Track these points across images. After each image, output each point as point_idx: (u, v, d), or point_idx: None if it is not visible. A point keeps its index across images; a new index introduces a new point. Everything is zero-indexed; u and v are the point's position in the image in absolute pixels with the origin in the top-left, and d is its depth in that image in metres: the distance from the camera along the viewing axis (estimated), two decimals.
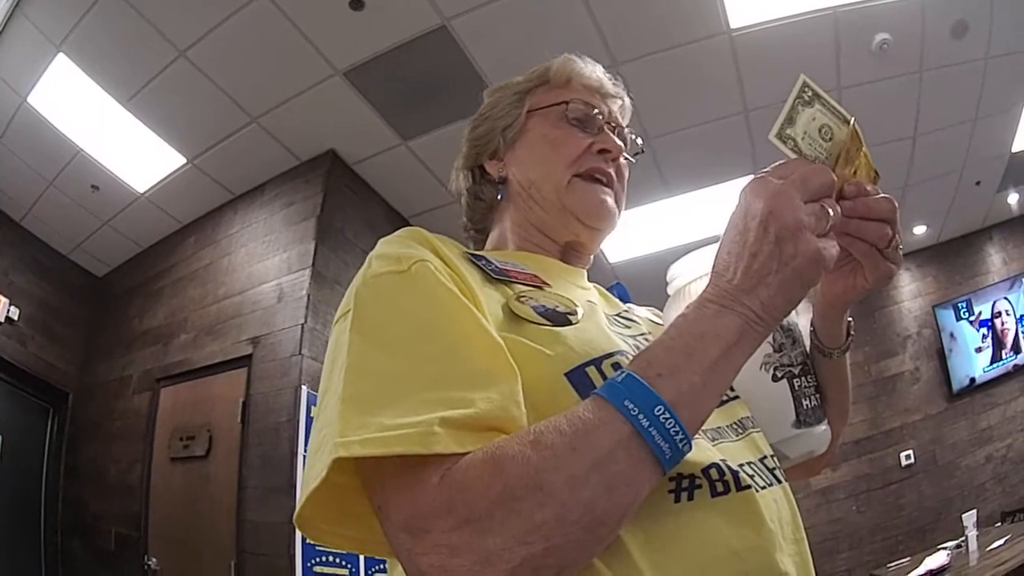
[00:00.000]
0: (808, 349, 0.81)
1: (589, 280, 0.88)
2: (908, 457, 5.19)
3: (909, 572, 3.56)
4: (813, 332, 0.81)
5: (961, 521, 3.72)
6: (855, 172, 0.64)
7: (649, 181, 4.23)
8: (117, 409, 4.24)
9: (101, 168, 4.04)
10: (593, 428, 0.49)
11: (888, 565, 4.14)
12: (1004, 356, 5.34)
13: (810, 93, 0.63)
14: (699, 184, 4.38)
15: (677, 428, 0.49)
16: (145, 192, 4.22)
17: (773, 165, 0.60)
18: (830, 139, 0.63)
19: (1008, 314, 5.38)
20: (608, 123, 0.90)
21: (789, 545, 0.62)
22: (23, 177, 4.10)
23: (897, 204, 0.64)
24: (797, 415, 0.76)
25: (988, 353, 5.35)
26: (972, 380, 5.30)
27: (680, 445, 0.50)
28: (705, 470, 0.57)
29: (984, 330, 5.40)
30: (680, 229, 4.71)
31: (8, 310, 4.24)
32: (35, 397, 4.36)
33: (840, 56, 3.61)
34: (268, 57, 3.39)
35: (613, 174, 0.87)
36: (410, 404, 0.50)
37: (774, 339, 0.77)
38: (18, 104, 3.63)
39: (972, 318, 5.43)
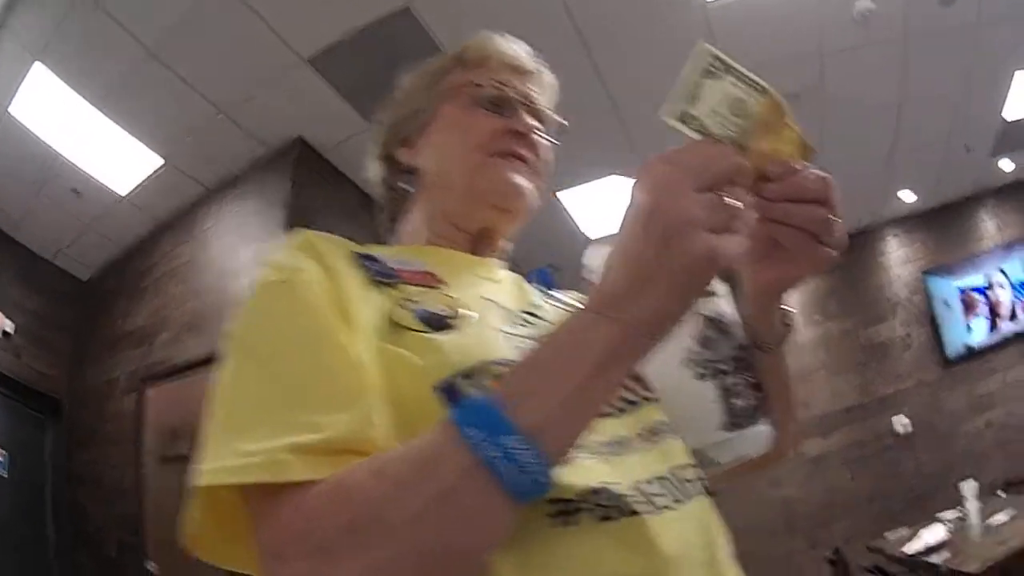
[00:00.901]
0: (743, 342, 0.74)
1: (529, 268, 0.89)
2: (904, 424, 5.18)
3: (907, 544, 3.52)
4: (745, 324, 0.74)
5: (959, 489, 3.67)
6: (782, 150, 0.58)
7: (622, 156, 4.20)
8: (108, 413, 4.25)
9: (81, 172, 4.04)
10: (437, 458, 0.46)
11: (886, 535, 4.12)
12: (1000, 326, 5.32)
13: (718, 64, 0.56)
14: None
15: (531, 459, 0.45)
16: (127, 194, 4.23)
17: (670, 150, 0.53)
18: (745, 115, 0.56)
19: (1002, 287, 5.35)
20: (525, 103, 0.86)
21: (697, 569, 0.57)
22: (10, 189, 4.11)
23: (833, 182, 0.58)
24: (726, 417, 0.70)
25: (985, 322, 5.33)
26: (969, 348, 5.27)
27: (537, 477, 0.45)
28: (588, 494, 0.53)
29: (979, 296, 5.37)
30: None
31: (6, 324, 4.26)
32: (31, 408, 4.37)
33: (822, 24, 3.56)
34: (233, 48, 3.37)
35: (530, 156, 0.83)
36: (266, 429, 0.50)
37: (698, 333, 0.72)
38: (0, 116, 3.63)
39: (964, 288, 5.39)
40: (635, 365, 0.50)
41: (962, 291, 5.37)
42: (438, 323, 0.62)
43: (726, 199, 0.50)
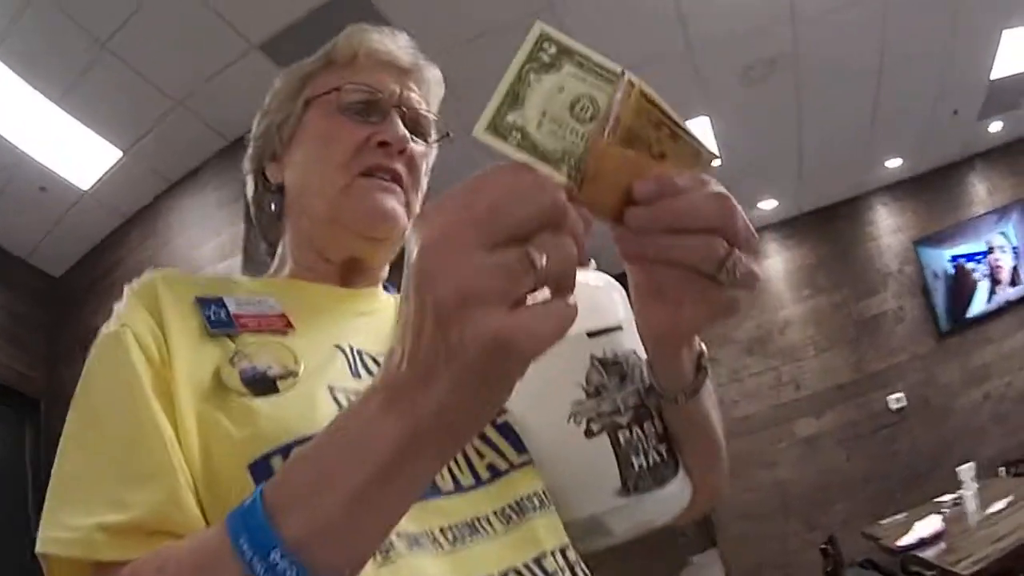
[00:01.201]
0: (648, 384, 0.62)
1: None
2: (898, 400, 5.05)
3: (902, 535, 3.42)
4: (649, 371, 0.63)
5: (957, 473, 3.52)
6: (652, 160, 0.43)
7: None
8: None
9: (45, 169, 4.05)
10: (212, 563, 0.42)
11: (882, 522, 4.03)
12: (999, 292, 5.17)
13: (553, 50, 0.42)
14: None
15: None
16: (89, 189, 4.23)
17: (472, 178, 0.40)
18: (593, 116, 0.42)
19: (1003, 250, 5.20)
20: (399, 106, 0.77)
21: None
22: None
23: (732, 202, 0.44)
24: (623, 479, 0.59)
25: (985, 290, 5.18)
26: (964, 318, 5.13)
27: None
28: None
29: (975, 265, 5.23)
30: None
31: None
32: (9, 408, 4.39)
33: None
34: (184, 38, 3.33)
35: (401, 169, 0.75)
36: (82, 503, 0.51)
37: (588, 380, 0.60)
38: None
39: (957, 256, 5.24)
40: (435, 465, 0.41)
41: (955, 259, 5.22)
42: (263, 385, 0.58)
43: (533, 254, 0.36)
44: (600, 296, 0.66)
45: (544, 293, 0.38)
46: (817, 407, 5.14)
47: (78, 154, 3.96)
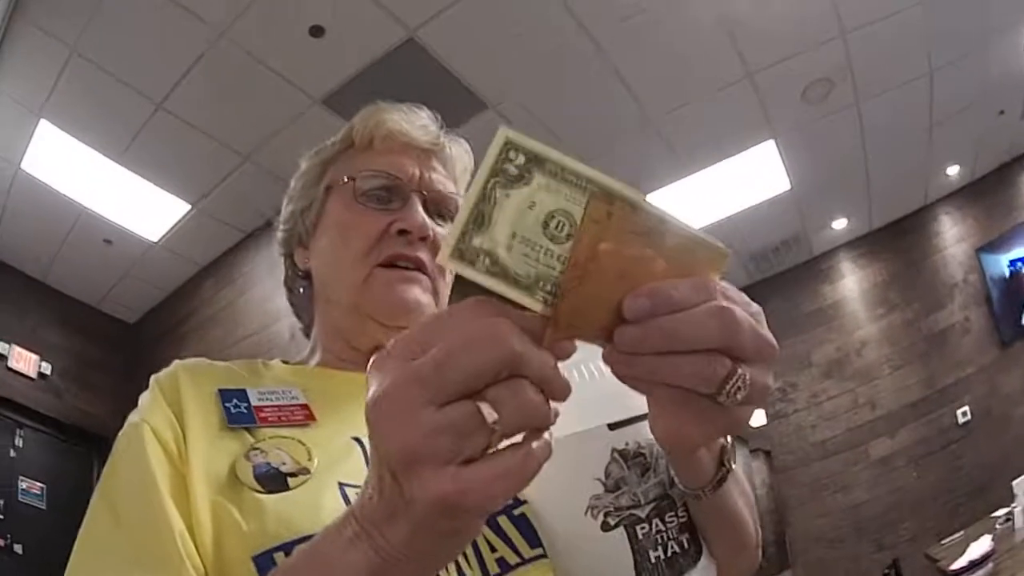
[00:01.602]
0: (670, 476, 0.59)
1: None
2: (964, 414, 4.90)
3: (958, 556, 3.30)
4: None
5: (1012, 487, 3.40)
6: (644, 270, 0.38)
7: (663, 161, 4.10)
8: None
9: (110, 223, 4.19)
10: None
11: (943, 542, 3.91)
12: None
13: (520, 160, 0.38)
14: (718, 158, 4.21)
15: None
16: (159, 240, 4.36)
17: (421, 323, 0.39)
18: (569, 235, 0.37)
19: None
20: (420, 190, 0.75)
21: None
22: (35, 239, 4.29)
23: (737, 316, 0.38)
24: (639, 573, 0.57)
25: None
26: (1018, 324, 4.95)
27: None
28: None
29: None
30: (704, 209, 4.56)
31: (40, 366, 4.43)
32: (74, 445, 4.53)
33: (836, 2, 3.37)
34: (243, 96, 3.43)
35: (424, 256, 0.73)
36: None
37: (608, 473, 0.58)
38: (13, 172, 3.78)
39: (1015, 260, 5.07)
40: None
41: (1012, 264, 5.04)
42: (275, 482, 0.59)
43: (484, 411, 0.34)
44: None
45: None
46: (891, 427, 5.01)
47: (144, 208, 4.08)
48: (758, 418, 5.40)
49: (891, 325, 5.21)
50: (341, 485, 0.61)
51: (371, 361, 0.38)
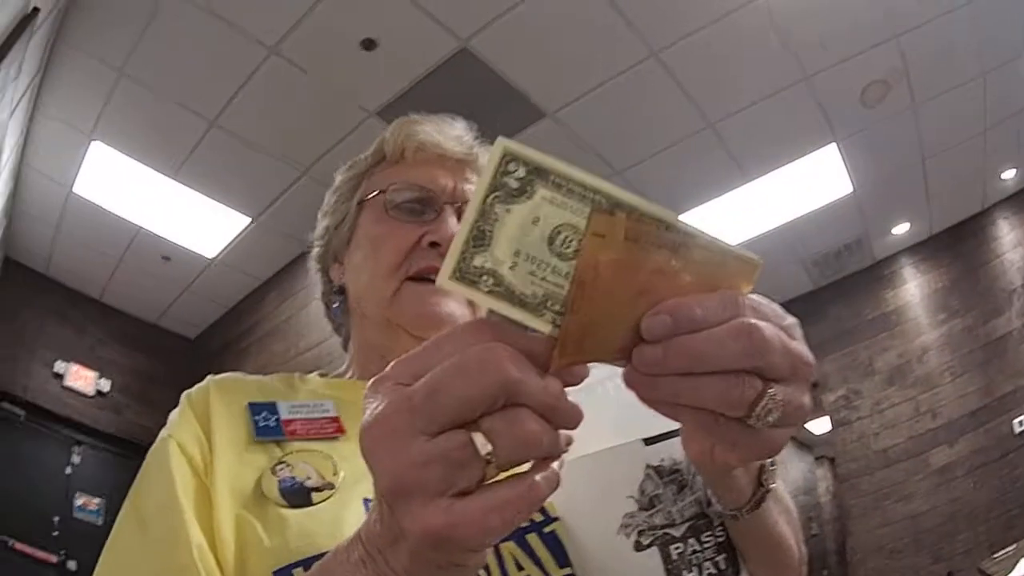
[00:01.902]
0: (706, 494, 0.57)
1: None
2: (1021, 423, 4.78)
3: (1009, 571, 3.30)
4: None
5: None
6: (665, 284, 0.35)
7: (723, 168, 4.07)
8: None
9: (167, 240, 4.27)
10: None
11: (995, 555, 3.84)
12: None
13: (520, 172, 0.35)
14: (779, 163, 4.19)
15: None
16: (217, 256, 4.42)
17: (422, 347, 0.37)
18: (577, 251, 0.35)
19: None
20: (452, 201, 0.74)
21: None
22: (90, 259, 4.42)
23: (766, 333, 0.35)
24: None
25: None
26: None
27: None
28: None
29: None
30: (766, 214, 4.54)
31: (98, 383, 4.49)
32: (135, 460, 4.56)
33: (889, 5, 3.35)
34: (298, 111, 3.49)
35: None
36: None
37: (642, 490, 0.56)
38: (66, 194, 3.90)
39: None
40: None
41: None
42: (299, 497, 0.59)
43: (477, 441, 0.33)
44: None
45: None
46: (951, 435, 4.90)
47: (202, 224, 4.15)
48: (822, 425, 5.31)
49: (951, 332, 5.11)
50: (365, 501, 0.60)
51: (369, 383, 0.37)
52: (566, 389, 0.35)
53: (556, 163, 0.35)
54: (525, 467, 0.35)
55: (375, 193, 0.76)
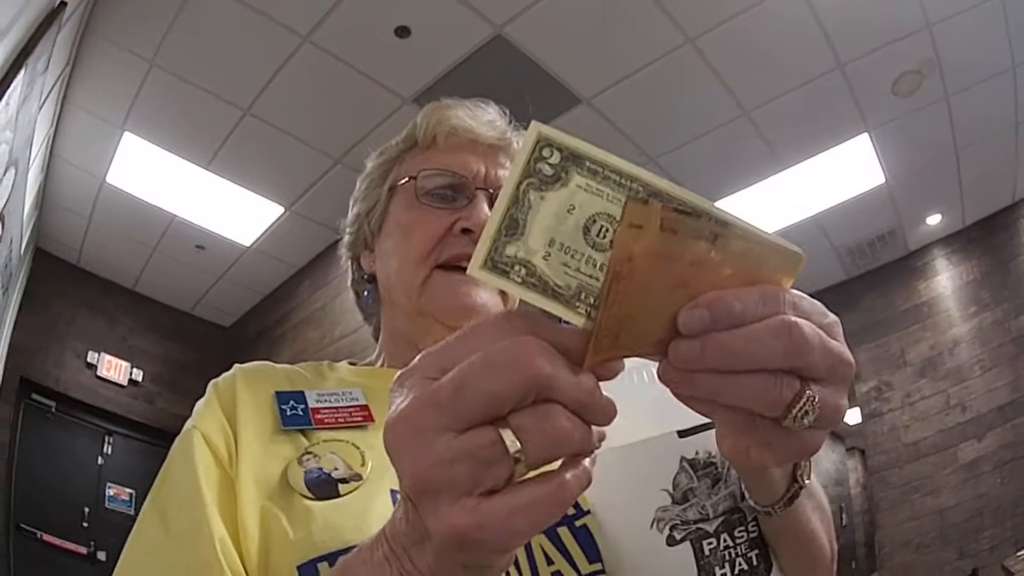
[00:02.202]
0: (741, 489, 0.56)
1: None
2: None
3: None
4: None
5: None
6: (704, 278, 0.34)
7: (758, 156, 4.07)
8: None
9: (200, 229, 4.30)
10: None
11: (1019, 553, 3.83)
12: None
13: (555, 158, 0.34)
14: (812, 152, 4.18)
15: None
16: (252, 244, 4.46)
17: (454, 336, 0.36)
18: (610, 240, 0.33)
19: None
20: (485, 187, 0.73)
21: None
22: (123, 249, 4.46)
23: (805, 331, 0.34)
24: None
25: None
26: None
27: None
28: None
29: None
30: (800, 204, 4.55)
31: (131, 373, 4.53)
32: (168, 450, 4.60)
33: None
34: (332, 99, 3.50)
35: None
36: None
37: (676, 484, 0.55)
38: (98, 185, 3.94)
39: None
40: None
41: None
42: (326, 489, 0.58)
43: (506, 439, 0.32)
44: None
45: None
46: (980, 430, 4.86)
47: (236, 213, 4.18)
48: (854, 416, 5.28)
49: (982, 325, 5.07)
50: (393, 492, 0.59)
51: (395, 376, 0.36)
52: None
53: (592, 149, 0.34)
54: (555, 464, 0.34)
55: (405, 179, 0.75)
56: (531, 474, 0.33)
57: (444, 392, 0.32)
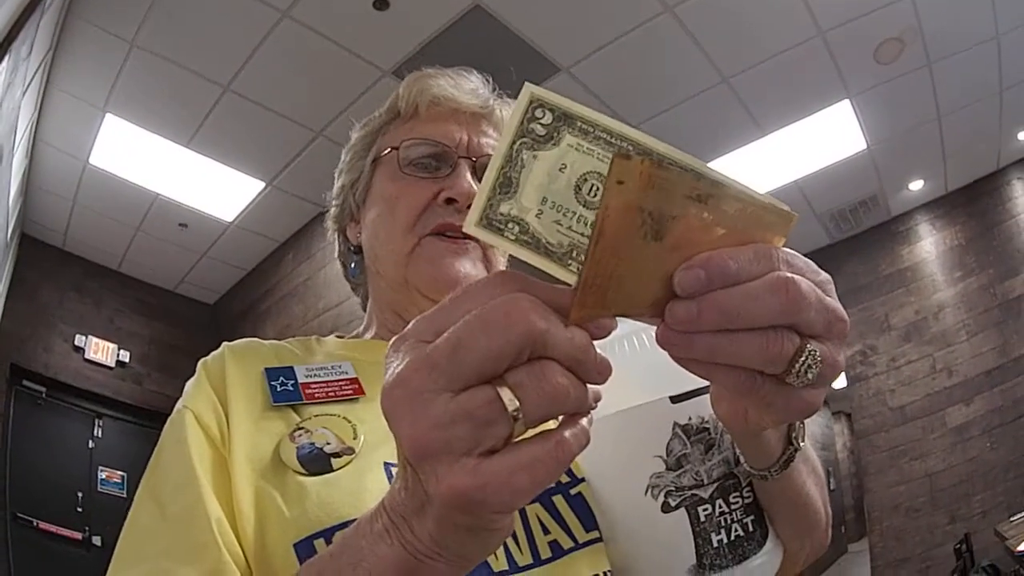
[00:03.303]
0: (735, 454, 0.56)
1: None
2: None
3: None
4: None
5: None
6: (697, 238, 0.33)
7: (739, 123, 4.06)
8: None
9: (183, 206, 4.29)
10: None
11: (1013, 518, 3.85)
12: None
13: (547, 118, 0.35)
14: (794, 118, 4.18)
15: None
16: (234, 220, 4.45)
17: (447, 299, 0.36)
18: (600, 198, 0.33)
19: None
20: (468, 156, 0.73)
21: None
22: (108, 230, 4.43)
23: (801, 286, 0.34)
24: (700, 557, 0.54)
25: None
26: None
27: None
28: None
29: None
30: (781, 169, 4.56)
31: (119, 354, 4.53)
32: (158, 430, 4.61)
33: None
34: (312, 72, 3.48)
35: None
36: (139, 572, 0.53)
37: (669, 450, 0.54)
38: (81, 167, 3.91)
39: None
40: None
41: None
42: (319, 464, 0.57)
43: (504, 396, 0.31)
44: None
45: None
46: (967, 394, 4.89)
47: (218, 190, 4.17)
48: (839, 380, 5.32)
49: (967, 289, 5.09)
50: (387, 465, 0.59)
51: (390, 342, 0.35)
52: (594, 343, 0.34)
53: (583, 109, 0.35)
54: (553, 424, 0.34)
55: (388, 150, 0.75)
56: (529, 433, 0.33)
57: (439, 353, 0.32)
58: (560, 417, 0.34)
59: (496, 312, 0.32)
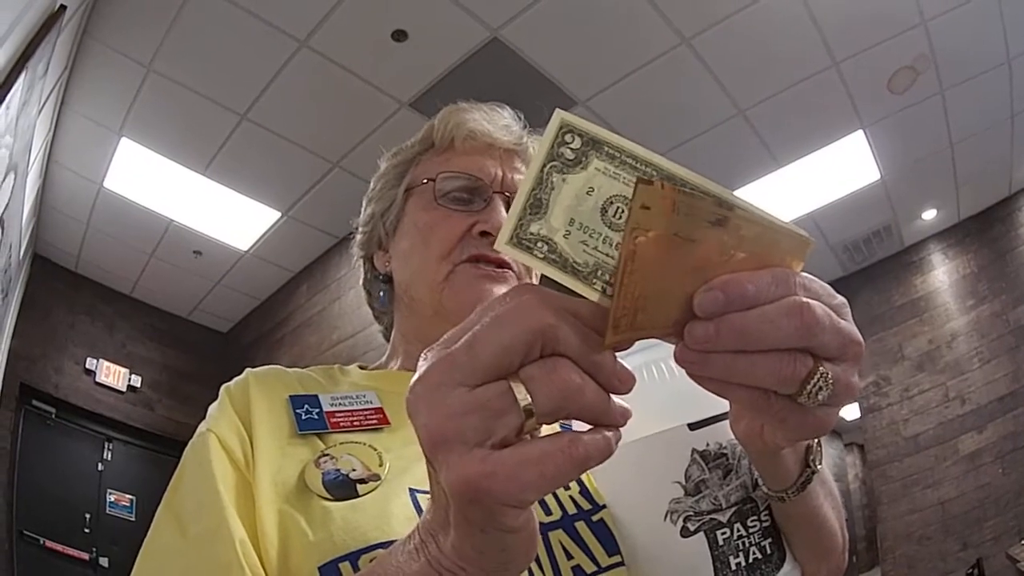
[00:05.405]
0: (754, 478, 0.57)
1: None
2: None
3: None
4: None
5: None
6: (715, 260, 0.34)
7: (755, 155, 4.09)
8: None
9: (198, 234, 4.29)
10: None
11: (1023, 542, 3.79)
12: None
13: (576, 143, 0.36)
14: (808, 149, 4.20)
15: None
16: (249, 249, 4.44)
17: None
18: (626, 220, 0.35)
19: None
20: (501, 191, 0.74)
21: None
22: (121, 254, 4.45)
23: (816, 312, 0.35)
24: None
25: None
26: None
27: None
28: None
29: None
30: (796, 201, 4.58)
31: (130, 379, 4.52)
32: (168, 456, 4.61)
33: None
34: (329, 103, 3.51)
35: (506, 256, 0.70)
36: None
37: (688, 476, 0.55)
38: (96, 190, 3.93)
39: None
40: None
41: None
42: (344, 490, 0.58)
43: (515, 389, 0.33)
44: None
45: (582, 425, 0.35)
46: (980, 421, 4.88)
47: (233, 218, 4.17)
48: (852, 411, 5.31)
49: (980, 317, 5.09)
50: (412, 491, 0.59)
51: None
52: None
53: (610, 135, 0.36)
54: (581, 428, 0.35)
55: (424, 181, 0.75)
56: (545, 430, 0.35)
57: (458, 351, 0.34)
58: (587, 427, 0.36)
59: (508, 310, 0.34)
